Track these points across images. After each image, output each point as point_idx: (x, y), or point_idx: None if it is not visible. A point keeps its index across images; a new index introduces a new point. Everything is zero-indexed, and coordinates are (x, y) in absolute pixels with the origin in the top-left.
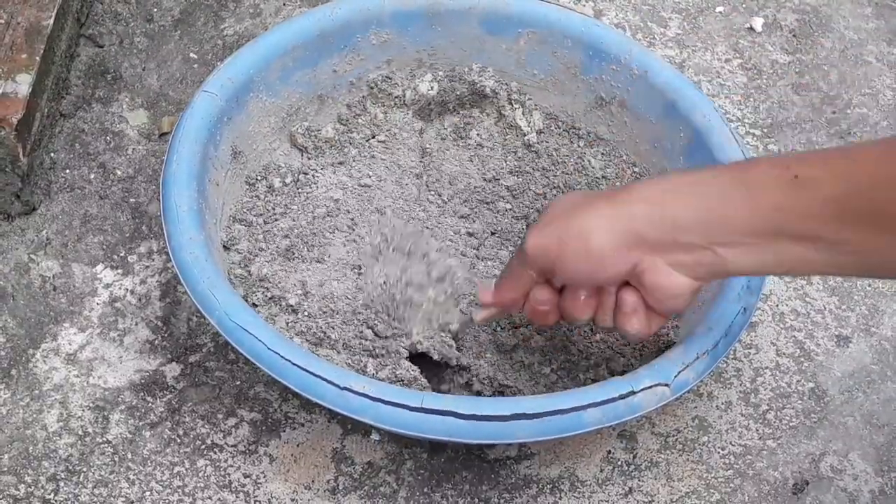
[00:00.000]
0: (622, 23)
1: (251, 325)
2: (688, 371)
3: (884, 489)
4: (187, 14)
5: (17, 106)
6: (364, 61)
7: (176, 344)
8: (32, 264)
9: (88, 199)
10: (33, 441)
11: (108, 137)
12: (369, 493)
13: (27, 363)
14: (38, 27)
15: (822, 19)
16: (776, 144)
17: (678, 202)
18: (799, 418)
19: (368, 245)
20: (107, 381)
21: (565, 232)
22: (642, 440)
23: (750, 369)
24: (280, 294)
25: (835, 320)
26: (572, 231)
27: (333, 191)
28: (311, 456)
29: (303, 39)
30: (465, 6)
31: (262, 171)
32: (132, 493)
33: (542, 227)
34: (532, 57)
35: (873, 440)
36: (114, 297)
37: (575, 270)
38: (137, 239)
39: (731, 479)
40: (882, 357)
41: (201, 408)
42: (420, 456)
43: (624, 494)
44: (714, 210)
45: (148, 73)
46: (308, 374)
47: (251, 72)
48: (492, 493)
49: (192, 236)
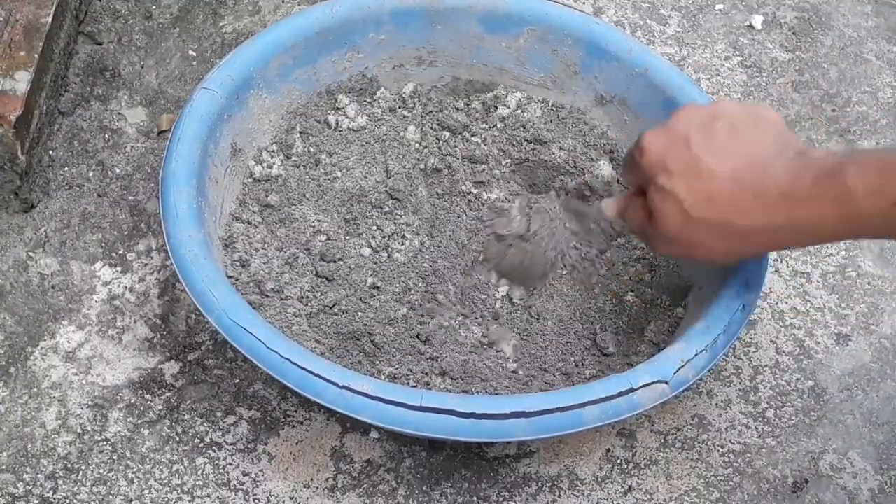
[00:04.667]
0: (622, 20)
1: (250, 323)
2: (687, 368)
3: (883, 487)
4: (186, 11)
5: (15, 103)
6: (364, 58)
7: (175, 342)
8: (31, 262)
9: (87, 196)
10: (32, 439)
11: (106, 135)
12: (368, 491)
13: (26, 361)
14: (36, 24)
15: (821, 17)
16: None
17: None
18: (798, 416)
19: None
20: (105, 379)
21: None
22: (641, 438)
23: (749, 367)
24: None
25: (834, 318)
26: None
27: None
28: (309, 454)
29: (303, 37)
30: (465, 4)
31: (261, 167)
32: (131, 492)
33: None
34: (532, 55)
35: (873, 438)
36: (112, 295)
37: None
38: (136, 237)
39: (730, 477)
40: (882, 355)
41: (200, 406)
42: (419, 454)
43: (623, 493)
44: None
45: (147, 70)
46: (307, 373)
47: (251, 69)
48: (491, 491)
49: (191, 234)
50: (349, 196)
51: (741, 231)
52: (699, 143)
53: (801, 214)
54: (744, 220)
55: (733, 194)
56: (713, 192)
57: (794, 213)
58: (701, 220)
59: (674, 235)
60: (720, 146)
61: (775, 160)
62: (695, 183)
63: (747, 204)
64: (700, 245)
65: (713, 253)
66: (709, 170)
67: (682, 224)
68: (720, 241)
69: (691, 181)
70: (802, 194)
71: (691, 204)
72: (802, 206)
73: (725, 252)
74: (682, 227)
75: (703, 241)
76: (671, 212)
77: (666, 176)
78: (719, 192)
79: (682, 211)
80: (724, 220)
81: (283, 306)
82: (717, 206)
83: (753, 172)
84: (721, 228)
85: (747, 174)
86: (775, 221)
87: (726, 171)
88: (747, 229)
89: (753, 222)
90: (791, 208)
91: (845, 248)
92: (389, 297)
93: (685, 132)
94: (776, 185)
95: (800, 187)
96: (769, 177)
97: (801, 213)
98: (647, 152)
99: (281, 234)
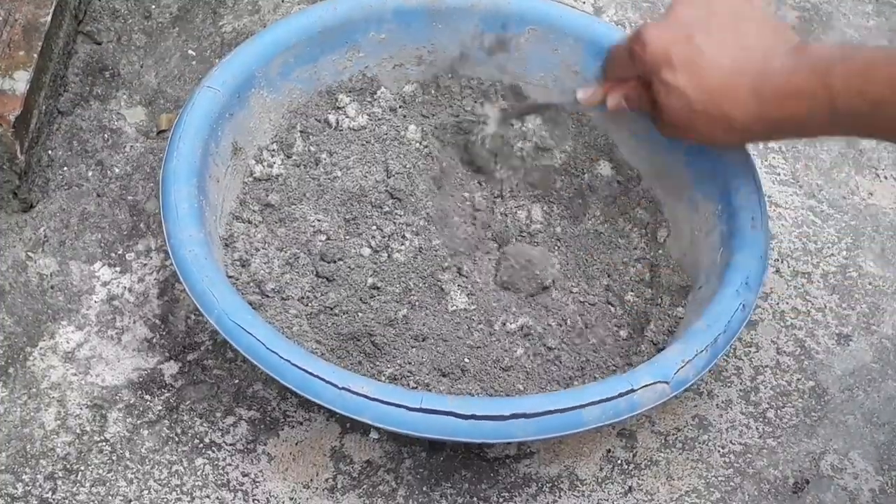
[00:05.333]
0: (622, 20)
1: (250, 324)
2: (687, 368)
3: (884, 488)
4: (185, 11)
5: (14, 103)
6: (364, 58)
7: (174, 342)
8: (30, 262)
9: (86, 196)
10: (31, 439)
11: (105, 135)
12: (368, 491)
13: (25, 361)
14: (35, 24)
15: (822, 16)
16: (776, 142)
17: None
18: (799, 417)
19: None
20: (105, 380)
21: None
22: (642, 439)
23: (750, 368)
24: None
25: (835, 318)
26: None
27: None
28: (309, 454)
29: (305, 35)
30: (466, 3)
31: (262, 166)
32: (130, 492)
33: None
34: (533, 55)
35: (874, 439)
36: (112, 295)
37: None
38: (135, 237)
39: (731, 477)
40: (883, 355)
41: (199, 406)
42: (419, 454)
43: (623, 493)
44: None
45: (146, 70)
46: (307, 374)
47: (252, 67)
48: (491, 491)
49: (191, 234)
50: (349, 196)
51: (740, 123)
52: (701, 36)
53: (792, 109)
54: (742, 113)
55: (734, 88)
56: (715, 87)
57: (786, 108)
58: (704, 112)
59: (677, 124)
60: (721, 39)
61: (773, 54)
62: (698, 77)
63: (745, 98)
64: (701, 133)
65: (714, 139)
66: (711, 64)
67: (686, 116)
68: (720, 130)
69: (694, 76)
70: (794, 90)
71: (695, 98)
72: (793, 101)
73: (725, 140)
74: (685, 118)
75: (704, 130)
76: (676, 105)
77: (670, 70)
78: (721, 86)
79: (686, 105)
80: (724, 113)
81: (284, 307)
82: (717, 99)
83: (753, 65)
84: (721, 120)
85: (747, 67)
86: (770, 115)
87: (727, 64)
88: (745, 121)
89: (750, 115)
90: (784, 103)
91: (846, 248)
92: (389, 298)
93: (686, 26)
94: (772, 80)
95: (793, 83)
96: (767, 71)
97: (793, 107)
98: (650, 46)
99: (281, 234)
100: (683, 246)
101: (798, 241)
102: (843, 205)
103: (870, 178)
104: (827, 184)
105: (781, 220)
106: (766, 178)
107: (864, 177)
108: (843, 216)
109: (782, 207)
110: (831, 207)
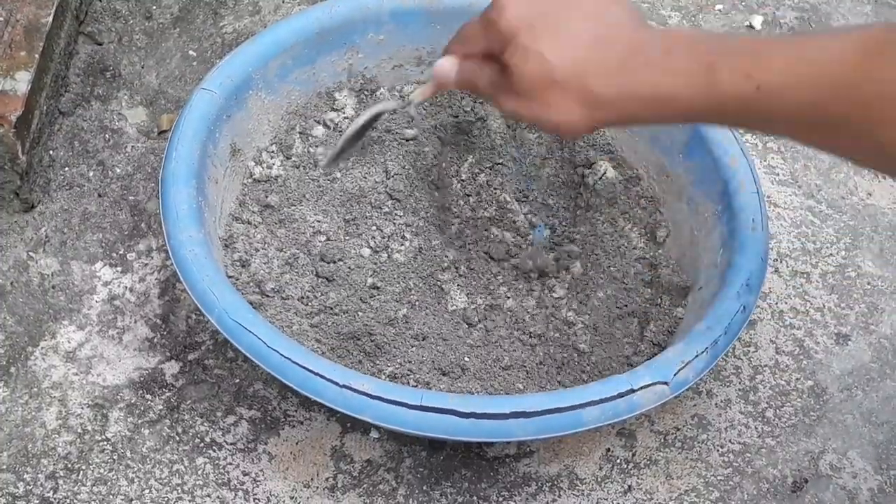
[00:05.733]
0: None
1: (251, 322)
2: (687, 369)
3: (883, 487)
4: (186, 12)
5: (16, 103)
6: (363, 59)
7: (175, 342)
8: (31, 262)
9: (87, 196)
10: (32, 439)
11: (106, 135)
12: (368, 490)
13: (26, 361)
14: (36, 25)
15: (821, 17)
16: (776, 142)
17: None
18: (798, 416)
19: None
20: (106, 379)
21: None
22: (641, 438)
23: (749, 367)
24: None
25: (834, 318)
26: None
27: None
28: (310, 454)
29: (302, 37)
30: (464, 3)
31: (261, 168)
32: (131, 491)
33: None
34: None
35: (872, 438)
36: (113, 295)
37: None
38: (136, 237)
39: (730, 476)
40: (881, 355)
41: (200, 405)
42: (419, 454)
43: (623, 492)
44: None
45: (147, 70)
46: (307, 372)
47: (250, 69)
48: (491, 490)
49: (191, 234)
50: (349, 196)
51: (602, 99)
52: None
53: (668, 87)
54: (606, 87)
55: (601, 61)
56: (579, 56)
57: (661, 85)
58: (562, 83)
59: (529, 95)
60: (587, 12)
61: (644, 31)
62: (561, 45)
63: (613, 71)
64: (552, 108)
65: (563, 117)
66: (576, 32)
67: (542, 84)
68: (576, 106)
69: (557, 42)
70: (671, 67)
71: (556, 65)
72: (669, 78)
73: (575, 121)
74: (540, 88)
75: (557, 105)
76: (534, 70)
77: (530, 35)
78: (586, 56)
79: (546, 71)
80: (585, 86)
81: (284, 306)
82: (581, 70)
83: (623, 39)
84: (581, 93)
85: (617, 40)
86: (640, 91)
87: (594, 34)
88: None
89: (615, 91)
90: (659, 80)
91: (845, 248)
92: (389, 298)
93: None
94: (646, 54)
95: (669, 61)
96: (639, 45)
97: (668, 84)
98: (508, 10)
99: (281, 235)
100: (683, 246)
101: (797, 241)
102: (841, 205)
103: (868, 179)
104: (826, 184)
105: (780, 221)
106: (765, 179)
107: (863, 177)
108: (841, 216)
109: (781, 207)
110: (830, 207)
